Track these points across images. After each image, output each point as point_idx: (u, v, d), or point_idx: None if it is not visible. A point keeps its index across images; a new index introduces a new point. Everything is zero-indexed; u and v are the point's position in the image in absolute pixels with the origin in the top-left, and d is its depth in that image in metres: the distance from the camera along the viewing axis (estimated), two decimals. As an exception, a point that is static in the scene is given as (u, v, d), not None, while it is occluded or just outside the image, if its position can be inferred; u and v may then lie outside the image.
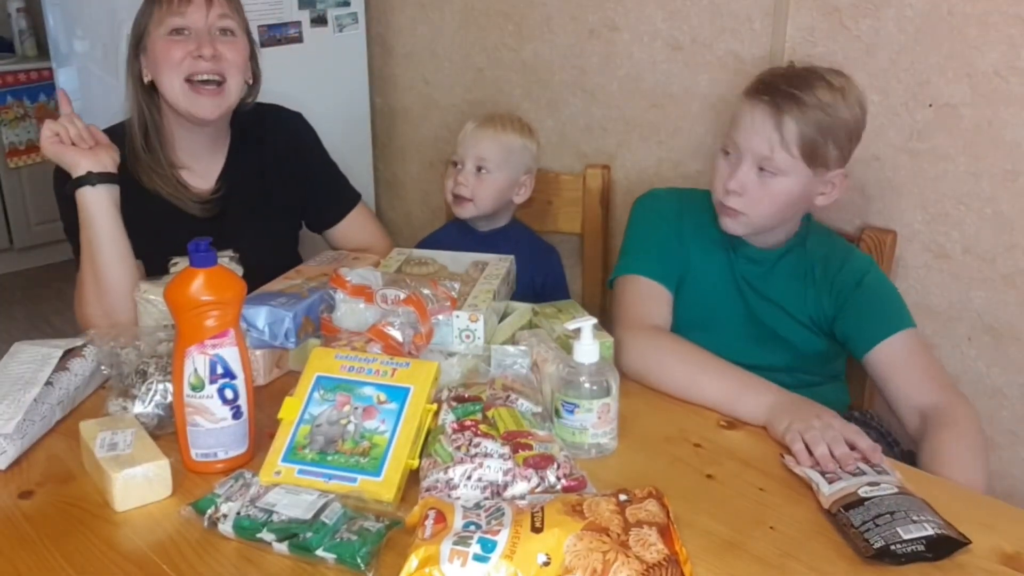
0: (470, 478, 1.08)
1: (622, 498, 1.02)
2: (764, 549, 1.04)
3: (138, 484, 1.10)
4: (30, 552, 1.04)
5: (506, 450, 1.11)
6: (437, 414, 1.19)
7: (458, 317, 1.37)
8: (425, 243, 1.91)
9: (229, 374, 1.15)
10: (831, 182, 1.48)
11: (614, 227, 2.15)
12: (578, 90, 2.17)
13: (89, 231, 1.52)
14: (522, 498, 1.07)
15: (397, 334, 1.31)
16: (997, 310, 1.63)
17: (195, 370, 1.14)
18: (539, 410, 1.23)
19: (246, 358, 1.18)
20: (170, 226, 1.63)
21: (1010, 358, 1.64)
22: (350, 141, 2.55)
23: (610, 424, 1.23)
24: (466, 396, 1.23)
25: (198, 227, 1.62)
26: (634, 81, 2.06)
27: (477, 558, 0.91)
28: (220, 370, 1.15)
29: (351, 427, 1.16)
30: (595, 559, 0.92)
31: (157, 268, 1.49)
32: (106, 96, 2.30)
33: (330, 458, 1.13)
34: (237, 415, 1.17)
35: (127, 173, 1.58)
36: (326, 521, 1.02)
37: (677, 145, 2.02)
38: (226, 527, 1.04)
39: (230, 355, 1.15)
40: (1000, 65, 1.54)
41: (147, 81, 1.64)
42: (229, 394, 1.16)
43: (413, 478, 1.13)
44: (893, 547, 0.99)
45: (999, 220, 1.60)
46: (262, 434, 1.21)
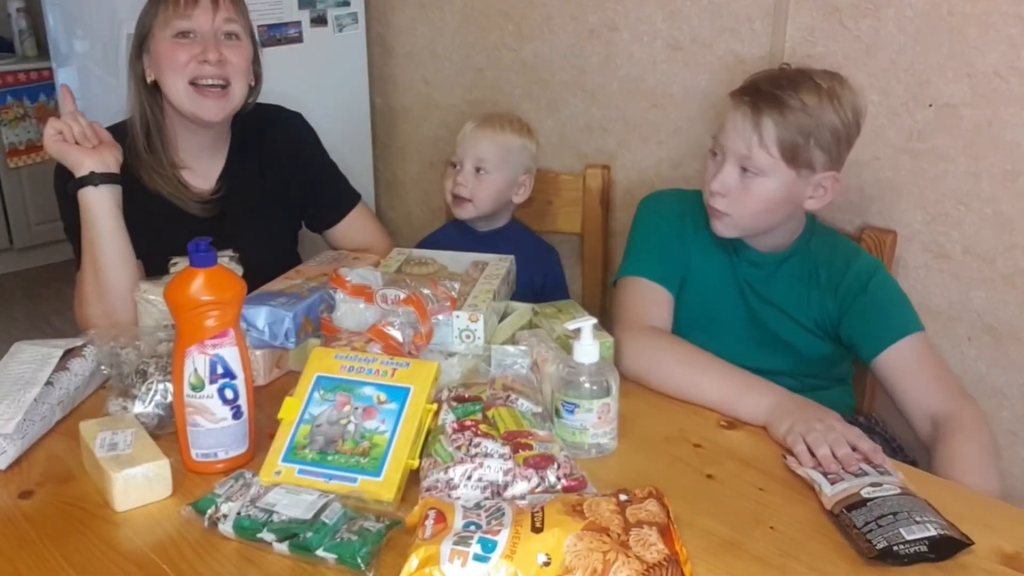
0: (470, 478, 1.08)
1: (622, 498, 1.02)
2: (764, 549, 1.04)
3: (138, 484, 1.10)
4: (30, 552, 1.04)
5: (506, 450, 1.11)
6: (437, 414, 1.19)
7: (458, 317, 1.37)
8: (425, 243, 1.90)
9: (229, 374, 1.15)
10: (821, 185, 1.45)
11: (614, 227, 2.15)
12: (578, 90, 2.17)
13: (91, 231, 1.52)
14: (522, 498, 1.07)
15: (397, 334, 1.31)
16: (997, 310, 1.63)
17: (195, 370, 1.14)
18: (539, 410, 1.23)
19: (246, 358, 1.18)
20: (170, 226, 1.62)
21: (1010, 358, 1.64)
22: (350, 141, 2.54)
23: (610, 424, 1.23)
24: (466, 396, 1.23)
25: (198, 227, 1.62)
26: (634, 81, 2.06)
27: (477, 558, 0.91)
28: (220, 370, 1.15)
29: (351, 427, 1.16)
30: (595, 559, 0.92)
31: (157, 268, 1.49)
32: (106, 96, 2.30)
33: (330, 458, 1.13)
34: (237, 415, 1.17)
35: (128, 173, 1.57)
36: (326, 521, 1.02)
37: (677, 145, 2.02)
38: (226, 527, 1.04)
39: (230, 355, 1.15)
40: (1000, 65, 1.54)
41: (150, 81, 1.63)
42: (229, 394, 1.16)
43: (413, 478, 1.13)
44: (896, 548, 0.99)
45: (999, 220, 1.60)
46: (262, 434, 1.21)
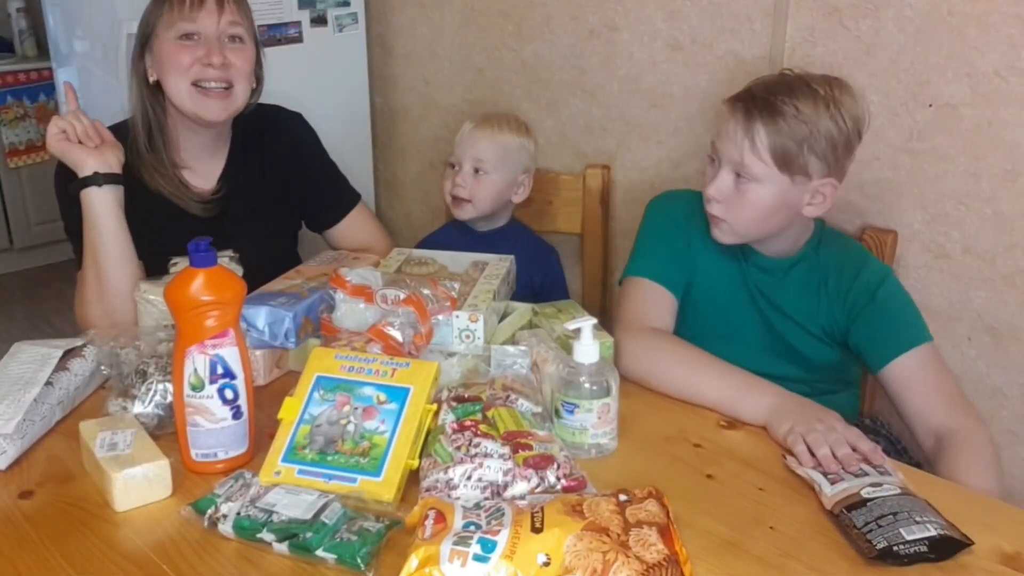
0: (470, 478, 1.08)
1: (622, 498, 1.02)
2: (764, 549, 1.04)
3: (138, 484, 1.10)
4: (30, 552, 1.04)
5: (506, 450, 1.11)
6: (437, 414, 1.19)
7: (458, 317, 1.37)
8: (425, 243, 1.90)
9: (229, 374, 1.15)
10: (819, 192, 1.43)
11: (614, 227, 2.15)
12: (578, 90, 2.17)
13: (93, 232, 1.52)
14: (522, 498, 1.07)
15: (397, 334, 1.31)
16: (997, 310, 1.63)
17: (195, 370, 1.14)
18: (539, 410, 1.23)
19: (246, 358, 1.18)
20: (171, 226, 1.62)
21: (1010, 358, 1.64)
22: (350, 141, 2.54)
23: (610, 424, 1.23)
24: (466, 396, 1.23)
25: (198, 227, 1.62)
26: (634, 81, 2.06)
27: (477, 558, 0.91)
28: (220, 370, 1.15)
29: (351, 427, 1.16)
30: (595, 559, 0.92)
31: (157, 268, 1.49)
32: (106, 96, 2.30)
33: (330, 458, 1.13)
34: (237, 415, 1.17)
35: (129, 172, 1.57)
36: (326, 521, 1.02)
37: (677, 145, 2.02)
38: (226, 527, 1.04)
39: (230, 355, 1.15)
40: (1000, 65, 1.54)
41: (152, 81, 1.63)
42: (229, 394, 1.16)
43: (413, 478, 1.13)
44: (896, 548, 0.99)
45: (999, 220, 1.60)
46: (262, 434, 1.21)
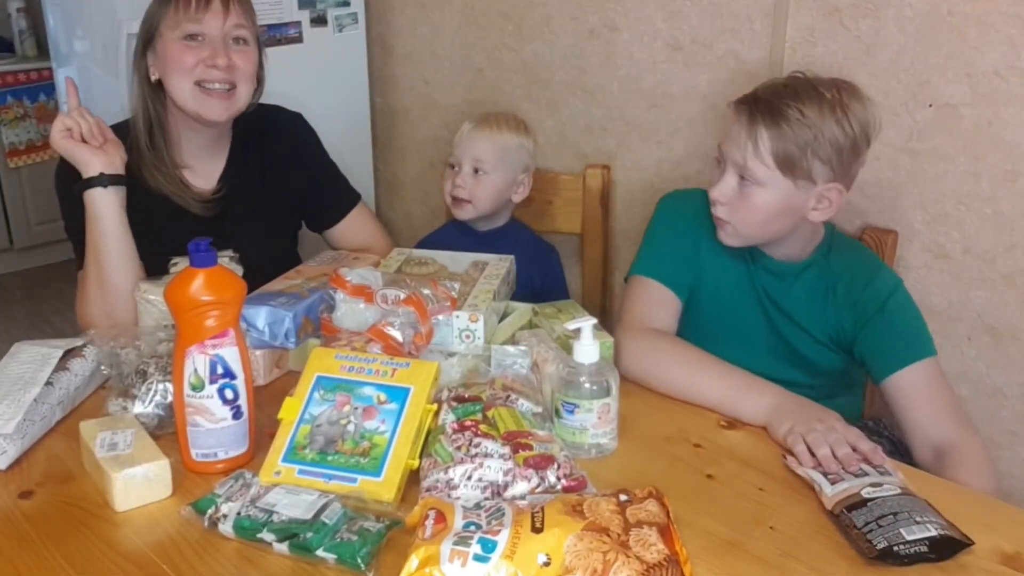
0: (470, 478, 1.08)
1: (622, 498, 1.02)
2: (764, 549, 1.04)
3: (138, 484, 1.10)
4: (30, 552, 1.04)
5: (506, 450, 1.11)
6: (437, 414, 1.19)
7: (458, 317, 1.37)
8: (425, 243, 1.90)
9: (229, 374, 1.15)
10: (825, 197, 1.43)
11: (614, 227, 2.15)
12: (578, 90, 2.17)
13: (96, 232, 1.52)
14: (522, 498, 1.07)
15: (397, 334, 1.31)
16: (997, 310, 1.63)
17: (195, 370, 1.14)
18: (539, 410, 1.23)
19: (246, 358, 1.18)
20: (171, 225, 1.62)
21: (1010, 358, 1.64)
22: (350, 141, 2.54)
23: (610, 424, 1.23)
24: (466, 396, 1.23)
25: (199, 227, 1.61)
26: (634, 81, 2.06)
27: (477, 558, 0.91)
28: (220, 370, 1.15)
29: (351, 427, 1.16)
30: (595, 559, 0.92)
31: (157, 268, 1.49)
32: (106, 96, 2.29)
33: (330, 458, 1.13)
34: (237, 415, 1.17)
35: (129, 171, 1.57)
36: (326, 521, 1.02)
37: (677, 145, 2.02)
38: (226, 527, 1.04)
39: (230, 355, 1.15)
40: (1000, 65, 1.54)
41: (154, 79, 1.63)
42: (229, 394, 1.16)
43: (413, 478, 1.13)
44: (896, 548, 0.99)
45: (999, 220, 1.60)
46: (262, 434, 1.21)
